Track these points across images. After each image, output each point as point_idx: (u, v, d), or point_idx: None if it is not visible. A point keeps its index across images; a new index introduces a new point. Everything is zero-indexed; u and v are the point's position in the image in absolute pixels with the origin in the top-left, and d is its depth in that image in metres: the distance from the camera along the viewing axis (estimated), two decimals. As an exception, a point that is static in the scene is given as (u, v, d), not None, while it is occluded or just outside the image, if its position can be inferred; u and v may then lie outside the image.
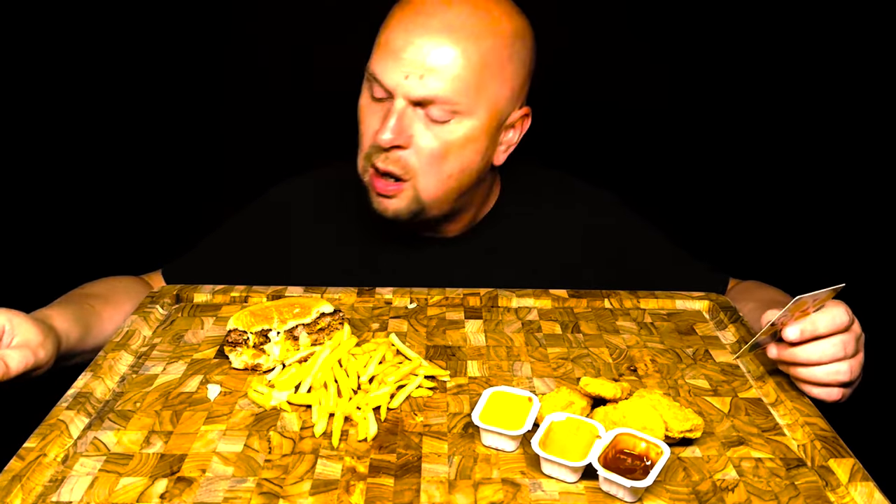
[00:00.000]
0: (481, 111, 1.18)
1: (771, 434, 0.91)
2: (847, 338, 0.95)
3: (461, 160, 1.20)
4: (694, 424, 0.87)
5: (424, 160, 1.18)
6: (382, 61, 1.16)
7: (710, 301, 1.23)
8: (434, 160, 1.18)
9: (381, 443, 0.88)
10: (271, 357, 1.02)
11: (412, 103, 1.16)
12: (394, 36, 1.16)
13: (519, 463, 0.84)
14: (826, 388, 0.96)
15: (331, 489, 0.80)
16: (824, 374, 0.95)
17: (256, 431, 0.89)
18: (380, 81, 1.16)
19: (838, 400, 0.97)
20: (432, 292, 1.23)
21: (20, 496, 0.78)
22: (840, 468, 0.84)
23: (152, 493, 0.79)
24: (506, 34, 1.18)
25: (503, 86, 1.19)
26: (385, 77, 1.16)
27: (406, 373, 0.98)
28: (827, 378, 0.95)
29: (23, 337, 0.99)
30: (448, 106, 1.15)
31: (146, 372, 1.02)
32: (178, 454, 0.85)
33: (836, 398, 0.97)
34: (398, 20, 1.17)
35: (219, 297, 1.23)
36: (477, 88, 1.16)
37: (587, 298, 1.22)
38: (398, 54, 1.15)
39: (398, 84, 1.15)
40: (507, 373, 1.03)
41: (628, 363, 1.06)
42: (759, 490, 0.81)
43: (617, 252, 1.37)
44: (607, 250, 1.36)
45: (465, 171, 1.22)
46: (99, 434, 0.89)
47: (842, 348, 0.94)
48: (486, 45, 1.16)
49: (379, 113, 1.18)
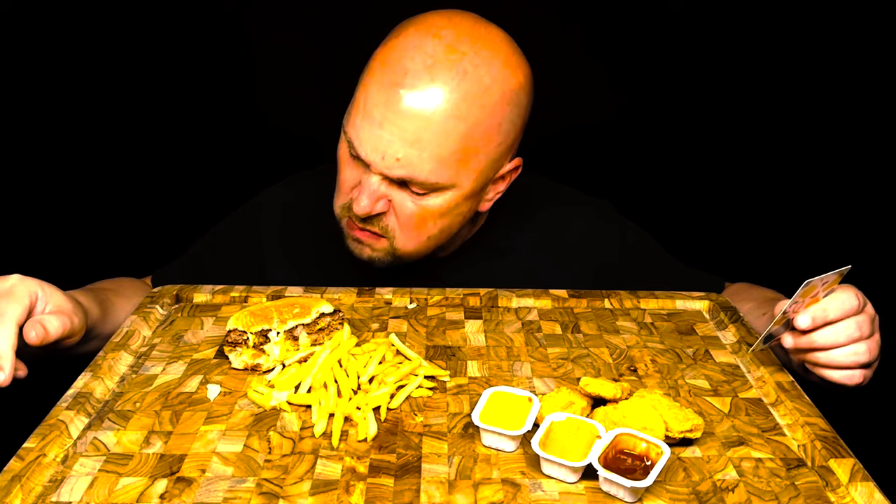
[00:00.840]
0: (465, 181, 1.13)
1: (771, 434, 0.91)
2: (861, 318, 0.95)
3: (441, 224, 1.17)
4: (694, 424, 0.87)
5: (403, 224, 1.15)
6: (358, 128, 1.10)
7: (710, 301, 1.22)
8: (413, 225, 1.15)
9: (381, 443, 0.87)
10: (271, 357, 1.02)
11: (384, 177, 1.11)
12: (371, 104, 1.08)
13: (519, 463, 0.84)
14: (847, 372, 0.96)
15: (331, 489, 0.80)
16: (843, 357, 0.95)
17: (256, 432, 0.89)
18: (355, 151, 1.11)
19: (860, 383, 0.97)
20: (432, 292, 1.22)
21: (20, 496, 0.77)
22: (840, 468, 0.84)
23: (152, 493, 0.79)
24: (496, 102, 1.10)
25: (491, 153, 1.13)
26: (361, 149, 1.10)
27: (406, 373, 0.98)
28: (846, 360, 0.95)
29: (56, 304, 1.01)
30: (427, 185, 1.11)
31: (146, 372, 1.02)
32: (177, 454, 0.85)
33: (858, 381, 0.97)
34: (378, 84, 1.08)
35: (219, 297, 1.22)
36: (459, 164, 1.10)
37: (587, 298, 1.22)
38: (374, 129, 1.08)
39: (373, 162, 1.09)
40: (507, 373, 1.03)
41: (628, 363, 1.06)
42: (759, 490, 0.81)
43: (613, 261, 1.35)
44: (603, 259, 1.35)
45: (446, 231, 1.19)
46: (99, 434, 0.88)
47: (856, 329, 0.94)
48: (472, 120, 1.08)
49: (357, 171, 1.14)
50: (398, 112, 1.06)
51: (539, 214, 1.36)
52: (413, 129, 1.06)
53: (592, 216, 1.37)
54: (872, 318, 0.98)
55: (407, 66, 1.07)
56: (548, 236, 1.34)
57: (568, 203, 1.38)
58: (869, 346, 0.96)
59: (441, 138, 1.07)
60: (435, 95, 1.06)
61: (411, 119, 1.06)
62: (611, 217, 1.39)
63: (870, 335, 0.96)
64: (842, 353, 0.95)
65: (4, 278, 0.98)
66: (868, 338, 0.96)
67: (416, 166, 1.08)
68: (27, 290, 0.98)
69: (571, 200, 1.39)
